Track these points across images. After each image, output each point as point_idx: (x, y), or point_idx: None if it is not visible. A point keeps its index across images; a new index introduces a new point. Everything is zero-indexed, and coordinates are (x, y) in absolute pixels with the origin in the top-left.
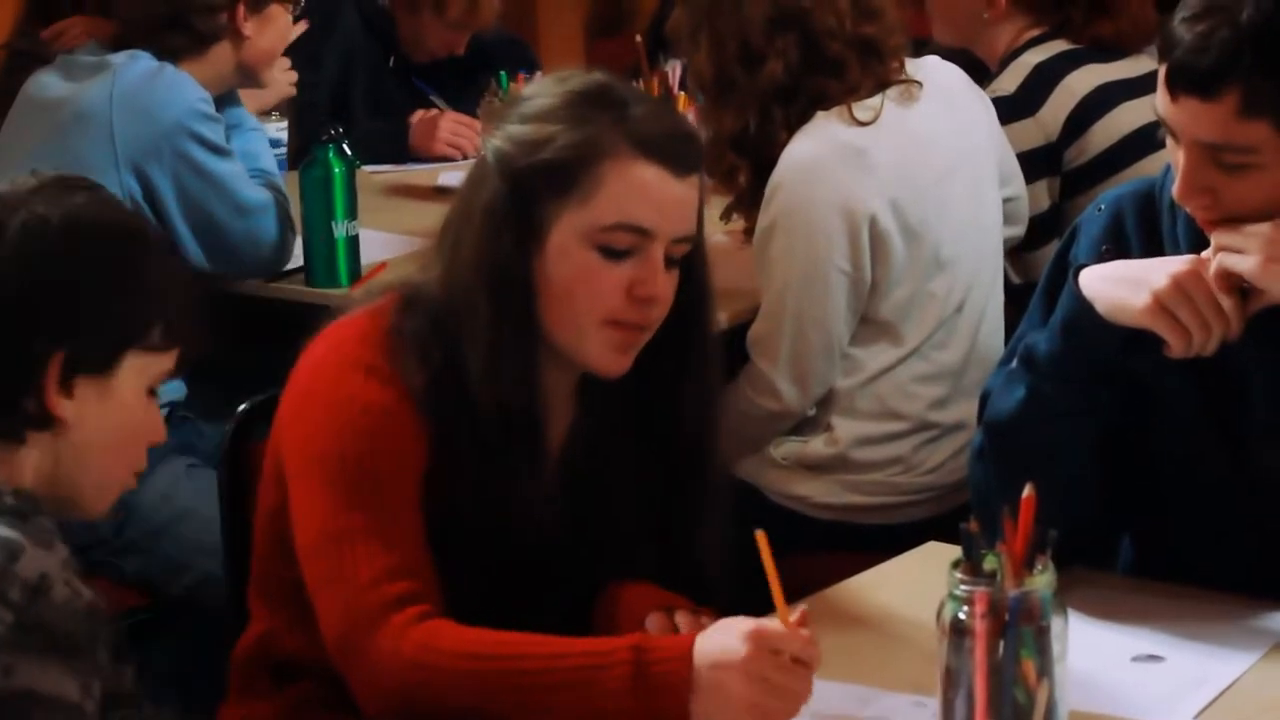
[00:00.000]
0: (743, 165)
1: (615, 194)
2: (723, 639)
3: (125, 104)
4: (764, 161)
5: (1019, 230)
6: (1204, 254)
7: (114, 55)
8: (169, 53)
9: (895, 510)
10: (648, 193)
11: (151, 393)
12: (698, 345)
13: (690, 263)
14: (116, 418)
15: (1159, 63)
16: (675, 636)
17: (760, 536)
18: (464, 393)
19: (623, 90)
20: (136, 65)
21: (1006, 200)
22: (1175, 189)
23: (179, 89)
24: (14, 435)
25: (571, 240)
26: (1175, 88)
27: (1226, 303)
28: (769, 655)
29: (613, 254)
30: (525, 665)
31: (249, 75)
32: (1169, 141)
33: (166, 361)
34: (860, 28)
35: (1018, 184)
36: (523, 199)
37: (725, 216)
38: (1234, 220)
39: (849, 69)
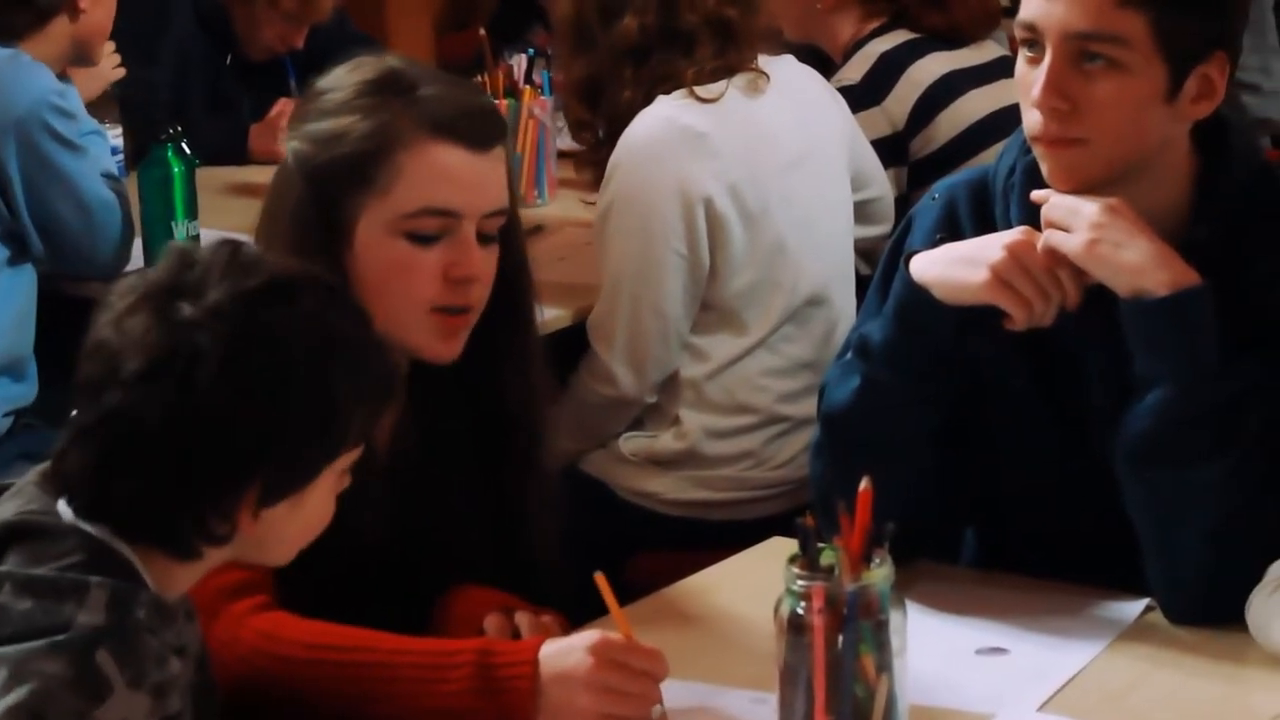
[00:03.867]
0: (592, 120)
1: (415, 180)
2: (567, 653)
3: None
4: (614, 118)
5: (884, 229)
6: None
7: None
8: (9, 31)
9: (746, 506)
10: (448, 173)
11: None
12: (516, 317)
13: (505, 235)
14: (310, 510)
15: None
16: (520, 641)
17: (599, 579)
18: None
19: (413, 73)
20: None
21: (869, 201)
22: (1036, 91)
23: (32, 77)
24: (188, 556)
25: (379, 232)
26: None
27: (1061, 272)
28: (613, 667)
29: (423, 240)
30: (367, 658)
31: (84, 51)
32: (1022, 66)
33: (357, 452)
34: (722, 9)
35: (879, 185)
36: (325, 198)
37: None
38: (1080, 147)
39: (699, 46)
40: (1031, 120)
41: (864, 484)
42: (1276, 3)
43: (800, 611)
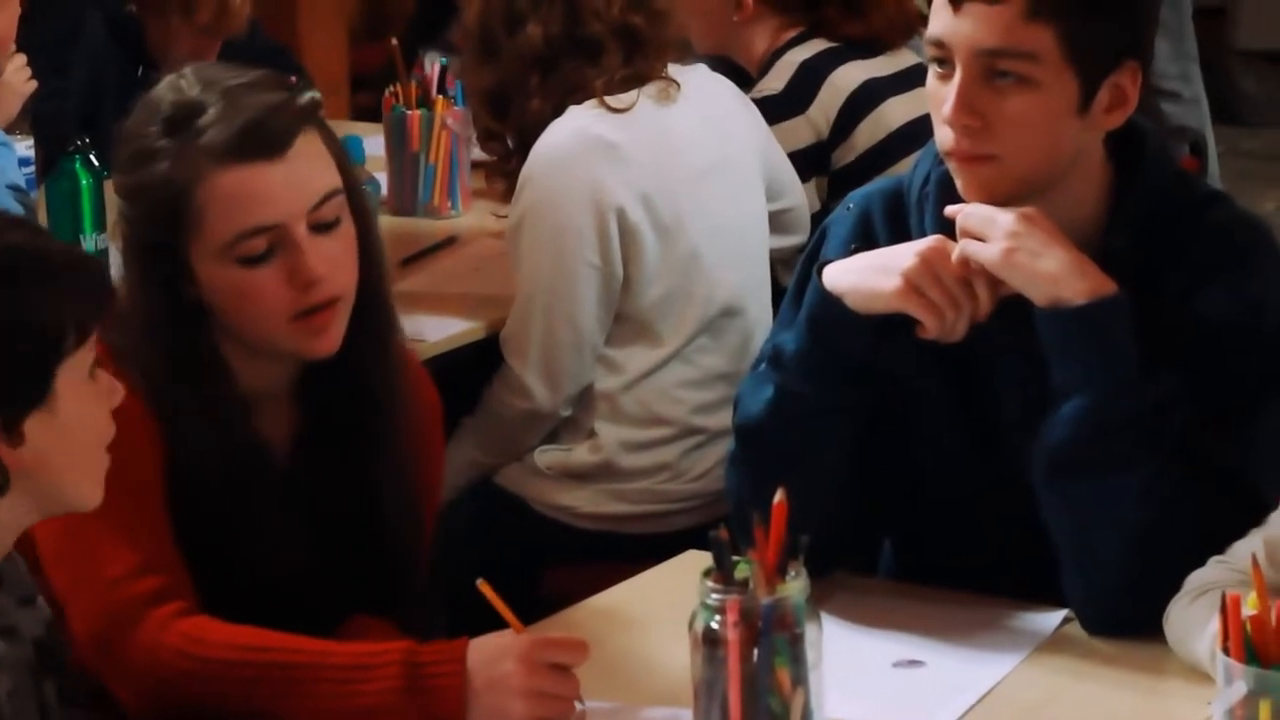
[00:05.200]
0: (501, 129)
1: (220, 211)
2: (497, 660)
3: None
4: (523, 129)
5: (799, 239)
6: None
7: None
8: None
9: (663, 519)
10: (249, 194)
11: (90, 374)
12: (365, 294)
13: (351, 209)
14: (73, 422)
15: None
16: (446, 642)
17: (483, 586)
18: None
19: (194, 99)
20: None
21: (784, 211)
22: (947, 109)
23: None
24: None
25: (212, 265)
26: None
27: (976, 281)
28: (544, 671)
29: (255, 260)
30: (293, 659)
31: None
32: (933, 81)
33: (90, 349)
34: (627, 16)
35: (794, 195)
36: (154, 246)
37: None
38: (993, 163)
39: (607, 54)
40: (943, 136)
41: (778, 496)
42: (1195, 10)
43: (715, 625)
